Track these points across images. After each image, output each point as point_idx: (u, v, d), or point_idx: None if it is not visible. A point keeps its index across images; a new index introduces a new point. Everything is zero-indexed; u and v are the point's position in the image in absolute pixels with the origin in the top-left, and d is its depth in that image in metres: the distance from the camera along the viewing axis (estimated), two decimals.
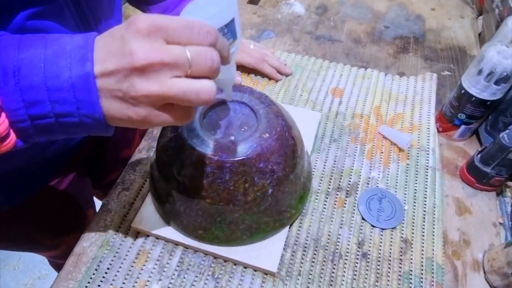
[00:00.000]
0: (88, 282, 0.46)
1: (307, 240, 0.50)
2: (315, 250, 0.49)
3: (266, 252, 0.47)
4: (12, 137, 0.29)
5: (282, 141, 0.45)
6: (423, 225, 0.52)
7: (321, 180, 0.56)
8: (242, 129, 0.46)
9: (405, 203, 0.54)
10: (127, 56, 0.28)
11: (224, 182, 0.42)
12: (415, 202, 0.54)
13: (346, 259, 0.49)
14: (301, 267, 0.48)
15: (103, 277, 0.46)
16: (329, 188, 0.55)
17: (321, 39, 0.80)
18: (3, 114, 0.28)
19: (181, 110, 0.32)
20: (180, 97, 0.29)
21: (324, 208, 0.53)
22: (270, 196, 0.45)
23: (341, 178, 0.56)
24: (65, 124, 0.30)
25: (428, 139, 0.61)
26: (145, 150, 0.59)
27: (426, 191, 0.55)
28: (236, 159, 0.42)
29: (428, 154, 0.59)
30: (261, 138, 0.44)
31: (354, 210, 0.53)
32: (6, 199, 0.52)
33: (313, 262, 0.48)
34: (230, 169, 0.42)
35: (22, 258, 1.37)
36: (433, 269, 0.48)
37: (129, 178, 0.55)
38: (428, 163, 0.58)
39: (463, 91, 0.57)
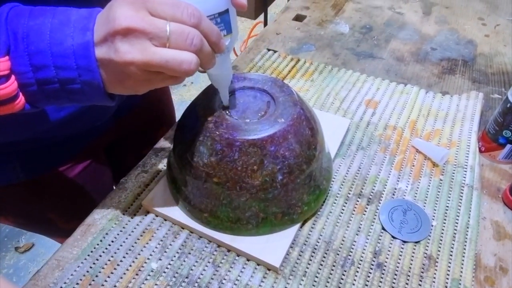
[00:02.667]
0: (91, 251, 0.46)
1: (318, 242, 0.47)
2: (325, 253, 0.46)
3: (272, 246, 0.45)
4: (21, 99, 0.31)
5: (297, 129, 0.43)
6: (452, 244, 0.47)
7: (342, 184, 0.53)
8: (259, 114, 0.45)
9: (433, 219, 0.49)
10: (111, 22, 0.29)
11: (232, 161, 0.42)
12: (445, 219, 0.49)
13: (358, 267, 0.44)
14: (307, 268, 0.44)
15: (106, 248, 0.46)
16: (349, 193, 0.52)
17: (361, 56, 0.79)
18: (13, 77, 0.30)
19: (170, 77, 0.33)
20: (163, 66, 0.30)
21: (342, 212, 0.50)
22: (279, 183, 0.43)
23: (364, 185, 0.53)
24: (69, 90, 0.32)
25: (467, 156, 0.56)
26: (170, 139, 0.60)
27: (459, 209, 0.50)
28: (246, 138, 0.41)
29: (465, 171, 0.54)
30: (275, 122, 0.43)
31: (374, 218, 0.49)
32: (22, 170, 0.53)
33: (322, 264, 0.45)
34: (240, 148, 0.41)
35: None
36: None
37: (150, 162, 0.56)
38: (464, 180, 0.53)
39: (508, 105, 0.52)
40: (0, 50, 0.29)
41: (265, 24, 1.62)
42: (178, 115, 0.82)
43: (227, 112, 0.45)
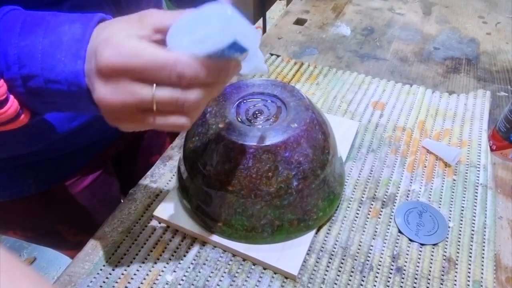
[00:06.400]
0: (104, 265, 0.45)
1: (334, 248, 0.46)
2: (343, 259, 0.45)
3: (288, 253, 0.44)
4: (24, 113, 0.31)
5: (310, 133, 0.43)
6: (471, 245, 0.46)
7: (354, 188, 0.52)
8: (271, 119, 0.45)
9: (450, 220, 0.48)
10: (93, 92, 0.29)
11: (246, 169, 0.41)
12: (461, 220, 0.48)
13: (377, 272, 0.44)
14: (325, 274, 0.43)
15: (119, 262, 0.45)
16: (363, 197, 0.51)
17: (365, 57, 0.79)
18: (11, 97, 0.29)
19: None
20: (156, 128, 0.30)
21: (356, 216, 0.49)
22: (294, 189, 0.42)
23: (377, 188, 0.52)
24: (64, 107, 0.32)
25: (479, 155, 0.55)
26: (178, 147, 0.60)
27: (475, 209, 0.49)
28: (260, 145, 0.40)
29: (478, 170, 0.54)
30: (289, 127, 0.42)
31: (390, 221, 0.48)
32: (34, 182, 0.53)
33: (340, 271, 0.44)
34: (254, 155, 0.40)
35: (61, 268, 1.41)
36: None
37: (158, 171, 0.55)
38: (478, 180, 0.52)
39: None
40: None
41: (264, 29, 1.61)
42: None
43: (239, 119, 0.44)
